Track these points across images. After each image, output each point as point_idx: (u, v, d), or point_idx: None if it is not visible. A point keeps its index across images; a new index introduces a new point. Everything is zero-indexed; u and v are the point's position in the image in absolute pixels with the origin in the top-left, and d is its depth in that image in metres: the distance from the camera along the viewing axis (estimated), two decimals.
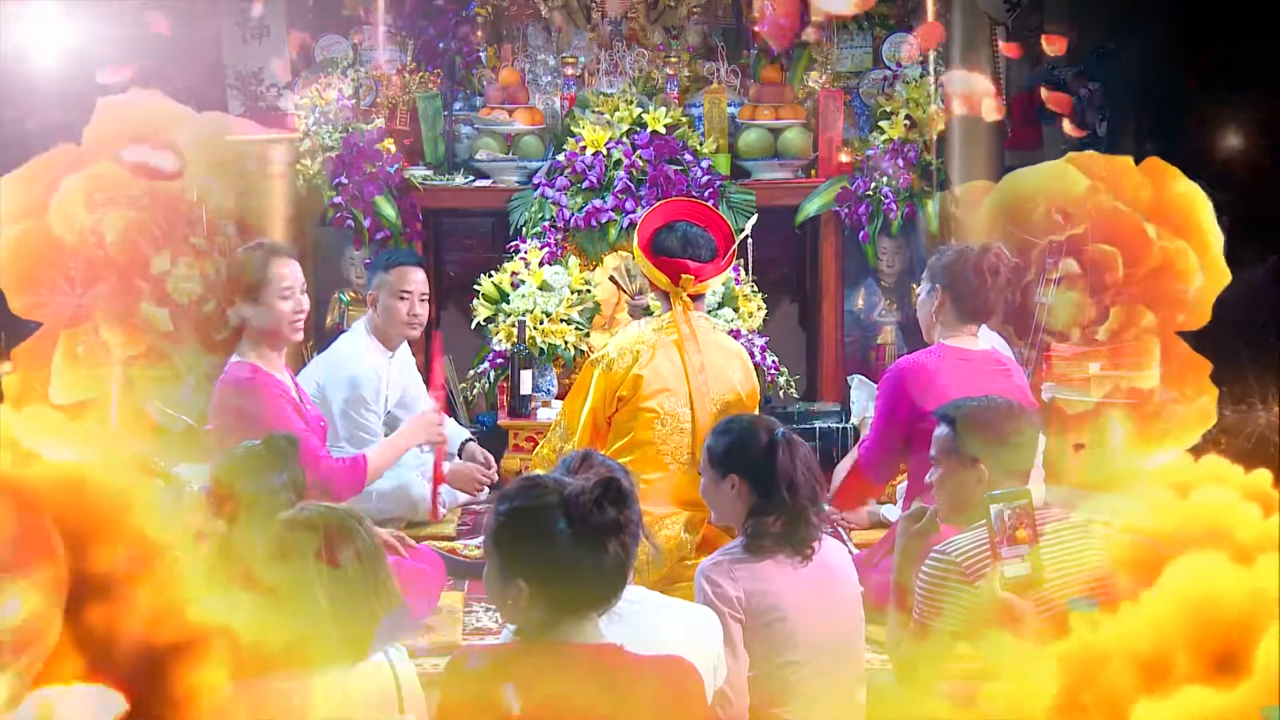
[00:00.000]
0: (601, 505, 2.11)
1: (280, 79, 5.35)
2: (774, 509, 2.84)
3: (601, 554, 2.12)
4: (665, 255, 3.77)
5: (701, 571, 2.83)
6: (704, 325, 3.85)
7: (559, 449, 3.74)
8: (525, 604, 2.13)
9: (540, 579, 2.12)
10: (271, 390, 3.62)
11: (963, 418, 2.84)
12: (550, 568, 2.12)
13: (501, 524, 2.17)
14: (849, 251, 5.47)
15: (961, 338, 3.68)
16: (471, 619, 3.67)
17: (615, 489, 2.13)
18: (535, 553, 2.12)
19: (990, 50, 5.57)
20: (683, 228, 3.80)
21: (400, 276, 4.42)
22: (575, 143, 5.25)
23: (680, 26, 5.76)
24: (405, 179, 5.30)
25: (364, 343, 4.45)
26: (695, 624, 2.61)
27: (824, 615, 2.82)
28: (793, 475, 2.84)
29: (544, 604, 2.13)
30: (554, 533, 2.11)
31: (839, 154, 5.38)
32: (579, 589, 2.14)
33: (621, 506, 2.13)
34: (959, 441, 2.81)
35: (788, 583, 2.81)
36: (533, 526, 2.13)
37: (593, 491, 2.11)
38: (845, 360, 5.48)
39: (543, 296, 5.02)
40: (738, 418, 3.12)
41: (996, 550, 2.58)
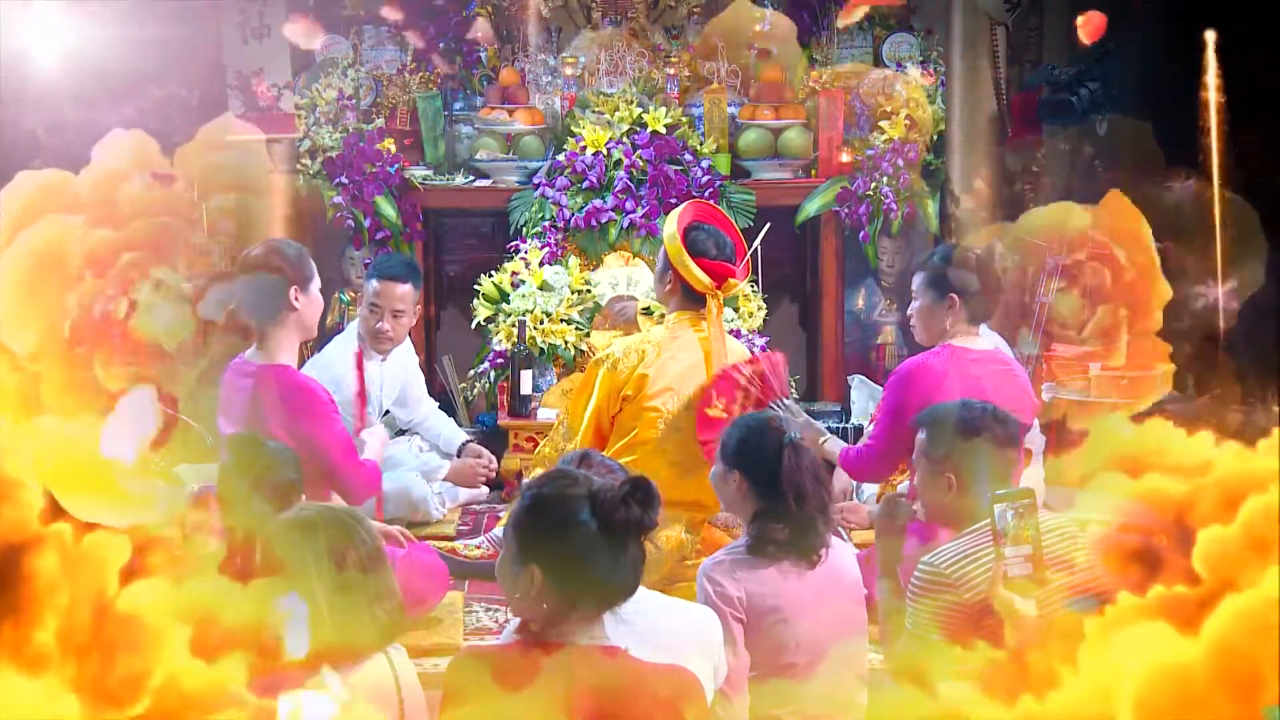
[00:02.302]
0: (628, 503, 2.11)
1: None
2: (781, 516, 2.83)
3: (620, 552, 2.12)
4: (705, 258, 3.74)
5: (704, 571, 2.83)
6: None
7: (561, 448, 3.74)
8: (536, 594, 2.11)
9: (555, 569, 2.11)
10: (321, 396, 3.56)
11: (933, 423, 2.86)
12: (567, 559, 2.11)
13: (525, 508, 2.17)
14: (849, 251, 5.47)
15: (966, 338, 3.68)
16: (471, 619, 3.67)
17: (644, 490, 2.13)
18: (554, 541, 2.12)
19: (990, 50, 5.57)
20: (712, 230, 3.79)
21: (374, 288, 4.33)
22: (575, 143, 5.25)
23: (680, 26, 5.76)
24: (405, 179, 5.30)
25: (354, 344, 4.41)
26: (696, 624, 2.61)
27: (826, 617, 2.82)
28: (800, 482, 2.83)
29: (554, 595, 2.12)
30: (577, 524, 2.11)
31: (839, 154, 5.38)
32: (592, 584, 2.13)
33: (647, 507, 2.13)
34: (933, 446, 2.83)
35: (790, 584, 2.81)
36: (556, 515, 2.13)
37: (621, 489, 2.12)
38: (845, 360, 5.48)
39: (543, 296, 5.02)
40: (754, 415, 3.13)
41: (1000, 550, 2.57)
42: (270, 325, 3.55)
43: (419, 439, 4.75)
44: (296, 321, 3.56)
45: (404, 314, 4.36)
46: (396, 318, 4.35)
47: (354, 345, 4.38)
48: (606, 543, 2.11)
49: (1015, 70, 5.69)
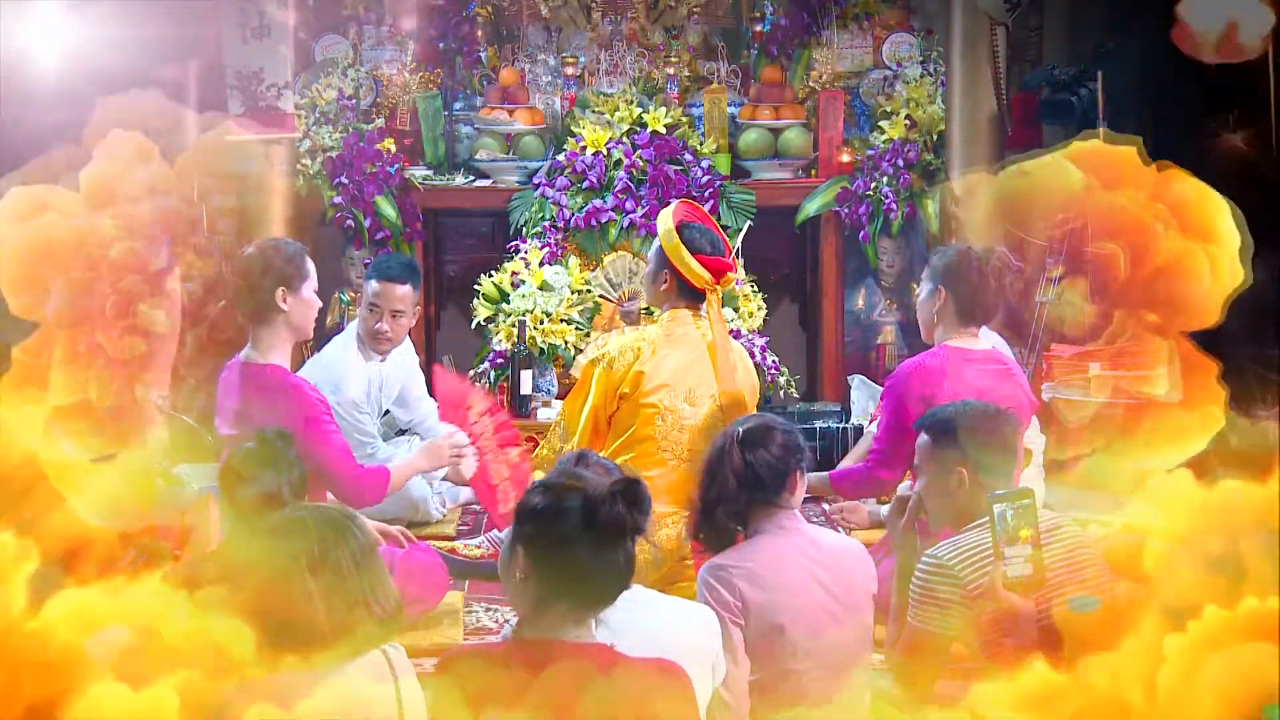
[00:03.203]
0: (615, 502, 2.14)
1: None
2: (722, 498, 2.87)
3: (607, 551, 2.15)
4: (703, 254, 3.75)
5: (703, 575, 2.83)
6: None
7: (559, 449, 3.73)
8: (519, 578, 2.17)
9: (542, 563, 2.15)
10: (311, 396, 3.59)
11: (938, 424, 2.86)
12: (554, 554, 2.15)
13: (528, 491, 2.24)
14: (849, 251, 5.48)
15: (963, 338, 3.69)
16: (471, 619, 3.67)
17: (633, 490, 2.17)
18: (543, 536, 2.16)
19: (990, 50, 5.57)
20: (703, 228, 3.79)
21: (374, 288, 4.31)
22: (575, 143, 5.25)
23: (680, 26, 5.76)
24: (405, 179, 5.30)
25: (353, 345, 4.42)
26: (695, 623, 2.61)
27: (829, 621, 2.80)
28: (738, 470, 2.86)
29: (540, 590, 2.16)
30: (566, 520, 2.15)
31: (839, 154, 5.38)
32: (577, 581, 2.16)
33: (634, 508, 2.16)
34: (936, 449, 2.83)
35: (792, 589, 2.79)
36: (550, 500, 2.18)
37: (610, 488, 2.15)
38: (845, 360, 5.48)
39: (543, 296, 5.02)
40: None
41: (999, 550, 2.57)
42: (260, 326, 3.59)
43: (419, 439, 4.74)
44: (285, 323, 3.58)
45: (403, 314, 4.36)
46: (395, 318, 4.34)
47: (353, 346, 4.38)
48: (593, 541, 2.14)
49: (1015, 70, 5.70)
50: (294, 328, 3.61)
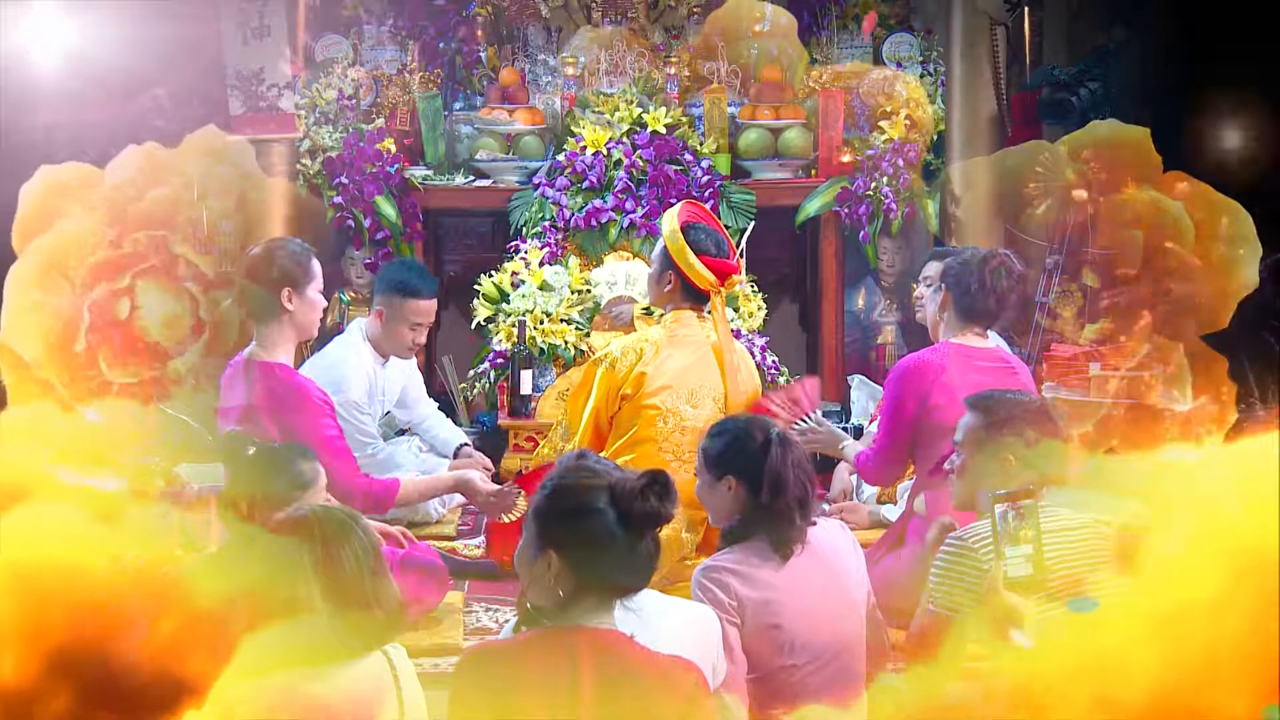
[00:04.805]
0: (646, 495, 2.18)
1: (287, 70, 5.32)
2: (758, 505, 2.82)
3: (636, 542, 2.20)
4: (708, 256, 3.73)
5: (698, 575, 2.82)
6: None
7: (560, 449, 3.73)
8: (552, 580, 2.19)
9: (572, 556, 2.18)
10: (316, 398, 3.61)
11: (996, 408, 2.83)
12: (584, 546, 2.19)
13: (547, 495, 2.25)
14: (849, 251, 5.47)
15: (966, 336, 3.69)
16: (471, 619, 3.67)
17: (662, 482, 2.21)
18: (573, 529, 2.20)
19: (990, 50, 5.57)
20: (708, 229, 3.79)
21: (415, 309, 4.35)
22: (575, 143, 5.25)
23: (680, 26, 5.76)
24: (405, 179, 5.29)
25: (358, 346, 4.40)
26: (695, 623, 2.61)
27: (825, 618, 2.81)
28: (781, 473, 2.81)
29: (570, 582, 2.19)
30: (595, 512, 2.18)
31: (839, 154, 5.38)
32: (607, 572, 2.20)
33: (664, 500, 2.20)
34: (989, 432, 2.81)
35: (786, 587, 2.79)
36: (576, 503, 2.20)
37: (639, 480, 2.20)
38: (845, 360, 5.48)
39: (543, 296, 5.02)
40: (733, 419, 3.11)
41: (1000, 550, 2.57)
42: (265, 325, 3.63)
43: (418, 440, 4.75)
44: (290, 322, 3.63)
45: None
46: (425, 328, 4.44)
47: (363, 349, 4.39)
48: (623, 532, 2.18)
49: (1015, 70, 5.70)
50: (298, 327, 3.66)
